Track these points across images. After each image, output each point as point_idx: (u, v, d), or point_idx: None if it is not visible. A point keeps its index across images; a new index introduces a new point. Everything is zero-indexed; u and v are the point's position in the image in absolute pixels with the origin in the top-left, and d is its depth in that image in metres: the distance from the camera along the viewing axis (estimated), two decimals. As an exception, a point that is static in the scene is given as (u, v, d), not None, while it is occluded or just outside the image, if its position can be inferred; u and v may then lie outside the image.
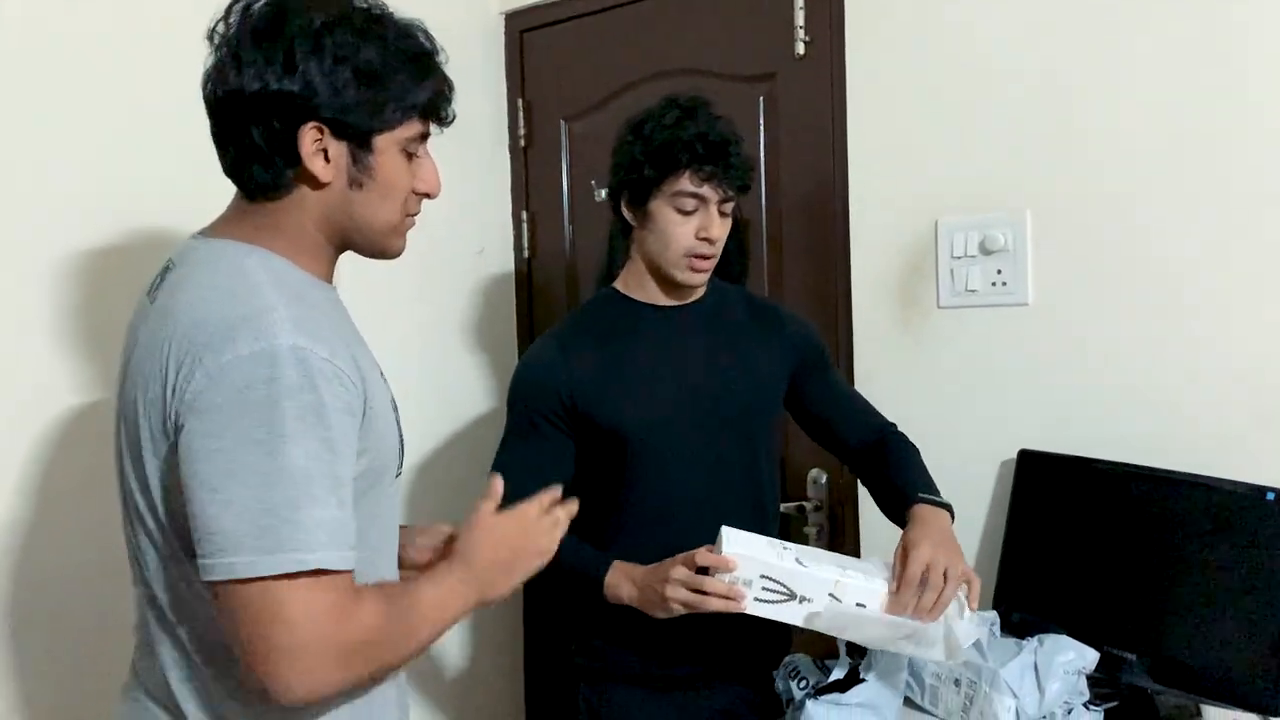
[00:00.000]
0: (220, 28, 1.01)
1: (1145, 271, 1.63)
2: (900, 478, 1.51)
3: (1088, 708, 1.46)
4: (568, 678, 1.64)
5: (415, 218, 1.12)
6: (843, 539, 1.98)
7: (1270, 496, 1.44)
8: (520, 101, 2.36)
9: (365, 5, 1.03)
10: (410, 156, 1.07)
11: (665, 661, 1.52)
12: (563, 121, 2.30)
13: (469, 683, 2.28)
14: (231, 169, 1.04)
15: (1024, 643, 1.48)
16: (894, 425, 1.64)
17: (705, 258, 1.48)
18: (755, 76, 2.02)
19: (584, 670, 1.59)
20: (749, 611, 1.29)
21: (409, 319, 2.14)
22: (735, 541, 1.30)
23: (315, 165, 1.00)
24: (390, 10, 1.05)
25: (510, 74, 2.37)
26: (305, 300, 1.00)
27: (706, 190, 1.45)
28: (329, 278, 1.10)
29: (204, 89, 1.02)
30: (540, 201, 2.36)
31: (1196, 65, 1.58)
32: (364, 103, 0.99)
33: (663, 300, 1.55)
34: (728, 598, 1.28)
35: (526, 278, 2.39)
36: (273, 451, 0.90)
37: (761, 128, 2.01)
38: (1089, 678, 1.47)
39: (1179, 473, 1.53)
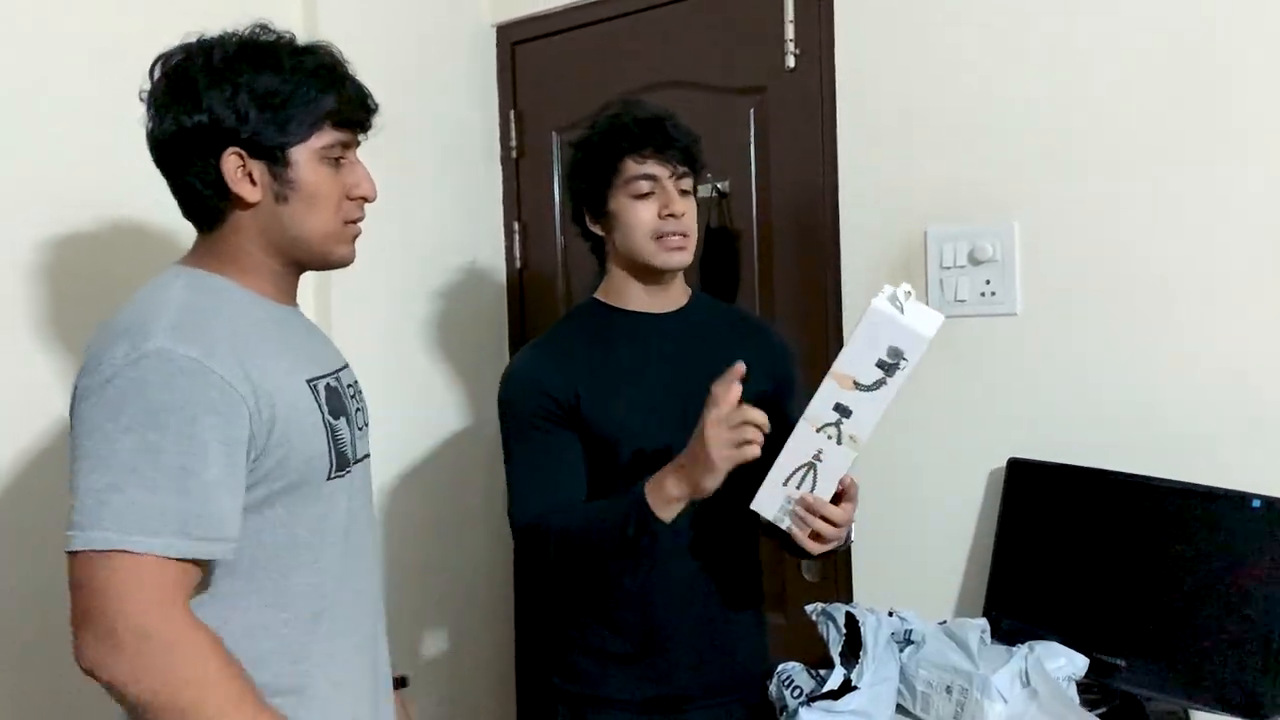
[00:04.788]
0: (147, 87, 1.12)
1: (1133, 281, 1.64)
2: None
3: (1078, 714, 1.47)
4: (546, 700, 1.61)
5: (359, 224, 1.20)
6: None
7: (1256, 504, 1.45)
8: (512, 113, 2.36)
9: (264, 37, 1.13)
10: (336, 164, 1.14)
11: (648, 683, 1.50)
12: (554, 133, 2.31)
13: (458, 704, 2.27)
14: (183, 209, 1.15)
15: (1014, 649, 1.49)
16: None
17: (676, 234, 1.47)
18: (745, 89, 2.03)
19: (560, 693, 1.56)
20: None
21: (399, 330, 2.14)
22: None
23: (242, 188, 1.10)
24: (291, 36, 1.14)
25: (502, 85, 2.38)
26: (218, 311, 1.08)
27: (653, 168, 1.46)
28: (282, 297, 1.18)
29: (148, 145, 1.13)
30: (532, 212, 2.36)
31: (1183, 75, 1.60)
32: (269, 121, 1.09)
33: (644, 307, 1.54)
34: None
35: (518, 289, 2.39)
36: (110, 439, 0.98)
37: (752, 140, 2.03)
38: (1079, 684, 1.49)
39: (1167, 480, 1.54)
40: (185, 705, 0.98)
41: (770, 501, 1.34)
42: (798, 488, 1.32)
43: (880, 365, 1.26)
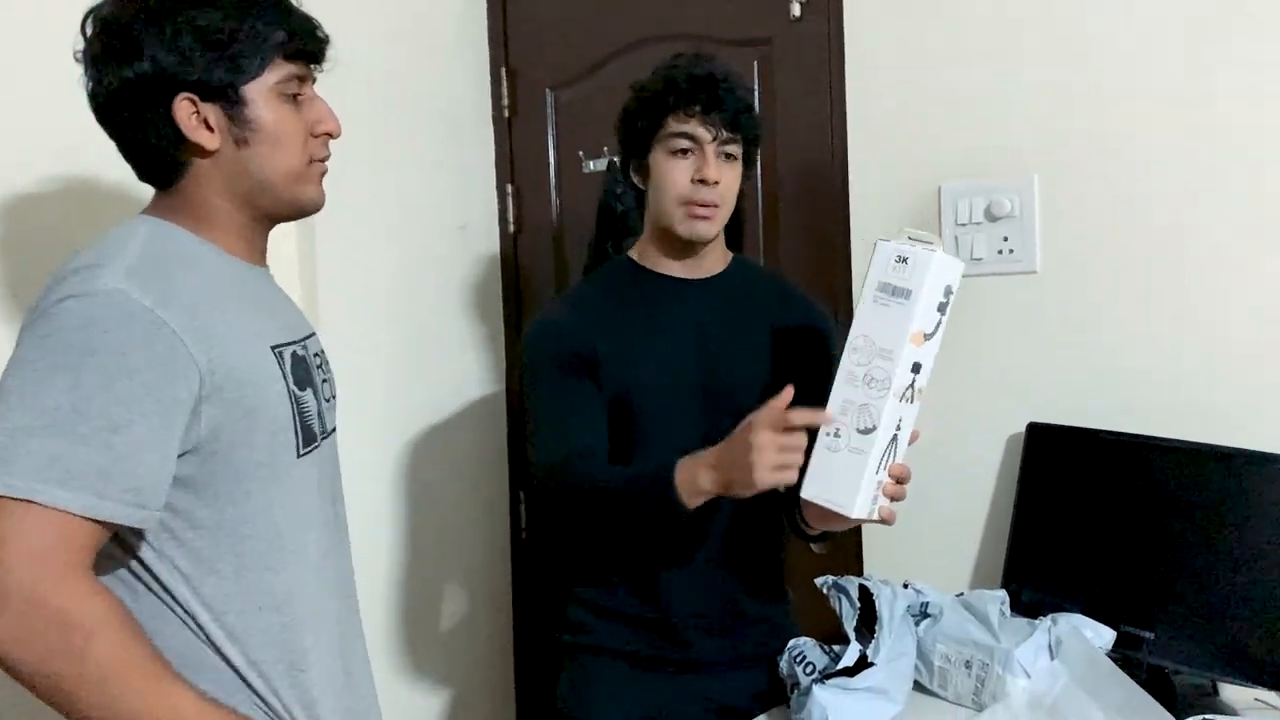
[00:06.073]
0: (80, 45, 1.05)
1: (1157, 237, 1.60)
2: None
3: (1105, 688, 1.42)
4: (553, 656, 1.60)
5: (326, 162, 1.14)
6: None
7: (1291, 466, 1.40)
8: (504, 70, 2.28)
9: None
10: (295, 101, 1.09)
11: (657, 642, 1.48)
12: (549, 90, 2.23)
13: (458, 661, 2.23)
14: (138, 170, 1.08)
15: (1037, 622, 1.45)
16: None
17: (705, 204, 1.42)
18: (749, 40, 1.96)
19: (568, 647, 1.56)
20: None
21: (388, 298, 2.08)
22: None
23: (199, 135, 1.04)
24: None
25: (493, 41, 2.29)
26: (182, 262, 1.02)
27: (695, 128, 1.41)
28: (251, 256, 1.13)
29: (90, 108, 1.06)
30: (525, 174, 2.29)
31: (1207, 26, 1.55)
32: (216, 60, 1.03)
33: (674, 271, 1.50)
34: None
35: (512, 253, 2.32)
36: (40, 377, 0.92)
37: (757, 93, 1.95)
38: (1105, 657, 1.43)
39: (1193, 443, 1.50)
40: (88, 679, 0.89)
41: (866, 499, 1.24)
42: (885, 470, 1.24)
43: (940, 309, 1.23)
